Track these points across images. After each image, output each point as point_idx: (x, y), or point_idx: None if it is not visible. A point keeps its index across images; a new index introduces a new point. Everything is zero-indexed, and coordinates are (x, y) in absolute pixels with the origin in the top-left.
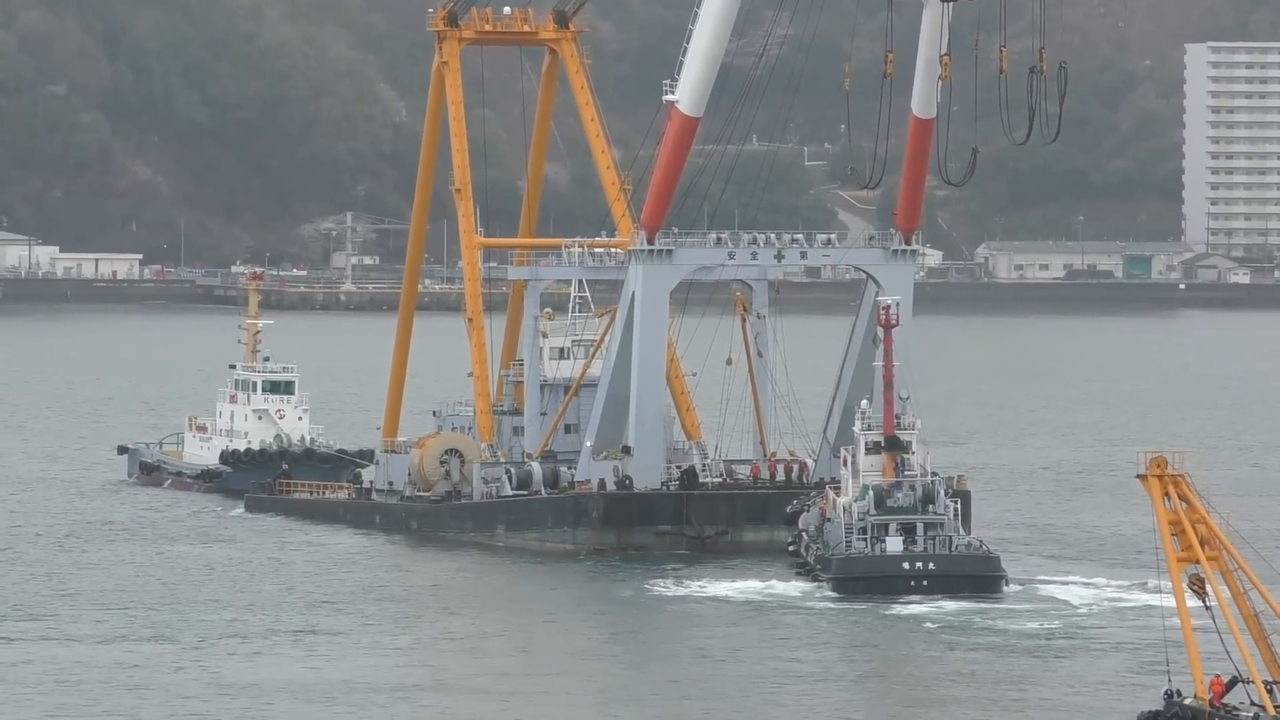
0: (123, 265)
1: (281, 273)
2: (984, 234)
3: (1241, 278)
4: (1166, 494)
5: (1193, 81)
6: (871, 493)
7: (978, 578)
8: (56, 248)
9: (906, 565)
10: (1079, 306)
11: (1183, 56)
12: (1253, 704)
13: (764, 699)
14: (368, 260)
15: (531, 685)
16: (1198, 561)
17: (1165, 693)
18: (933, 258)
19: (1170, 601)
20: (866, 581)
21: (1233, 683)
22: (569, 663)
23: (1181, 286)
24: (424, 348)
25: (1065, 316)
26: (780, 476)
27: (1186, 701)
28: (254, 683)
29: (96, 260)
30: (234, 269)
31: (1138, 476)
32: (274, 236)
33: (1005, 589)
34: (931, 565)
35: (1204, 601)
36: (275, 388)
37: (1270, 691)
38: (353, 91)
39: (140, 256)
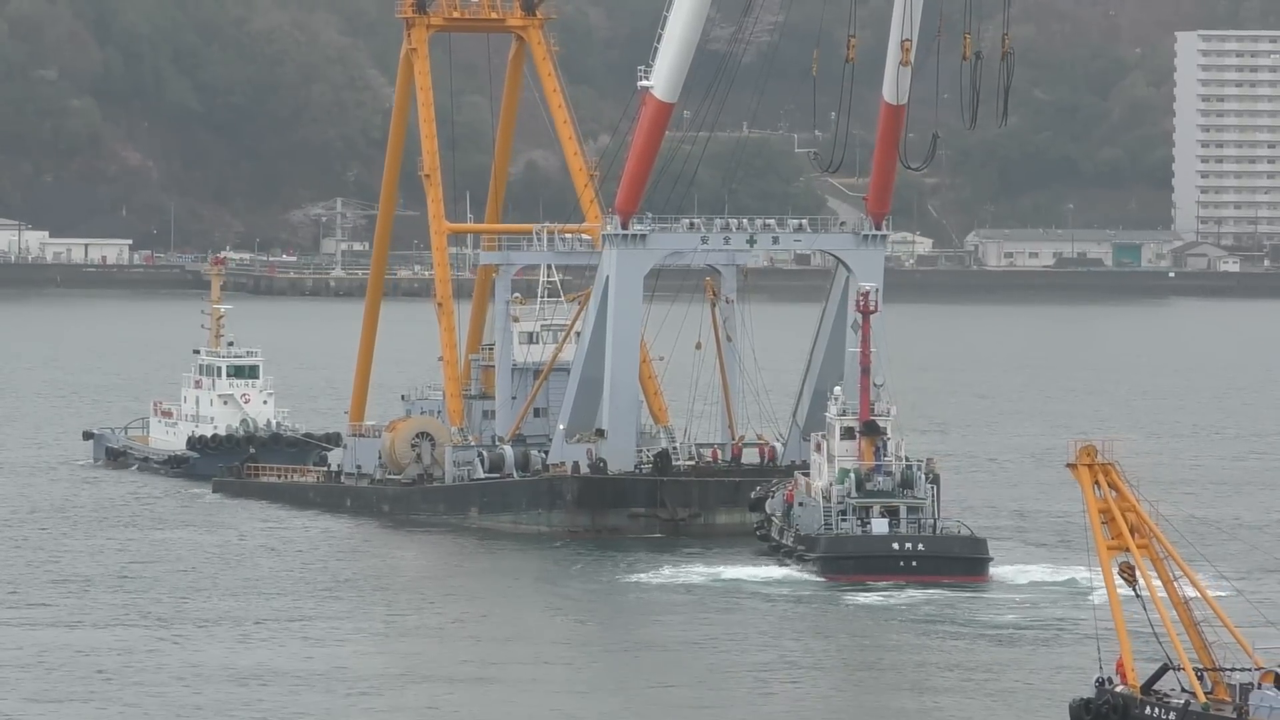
0: (112, 250)
1: (271, 258)
2: (974, 221)
3: (1231, 266)
4: (1096, 482)
5: (1183, 70)
6: (852, 476)
7: (965, 559)
8: (46, 233)
9: (895, 546)
10: (1069, 295)
11: (1173, 45)
12: (1183, 690)
13: (748, 687)
14: (357, 246)
15: (517, 674)
16: (1128, 549)
17: (1097, 680)
18: (922, 245)
19: (1101, 589)
20: (855, 561)
21: (1162, 670)
22: (552, 650)
23: (1171, 275)
24: (397, 333)
25: (1055, 305)
26: (753, 460)
27: (1118, 689)
28: (233, 669)
29: (86, 245)
30: (223, 254)
31: (1068, 465)
32: (264, 222)
33: (991, 571)
34: (920, 546)
35: (1134, 589)
36: (240, 372)
37: (1200, 678)
38: (343, 77)
39: (130, 242)
